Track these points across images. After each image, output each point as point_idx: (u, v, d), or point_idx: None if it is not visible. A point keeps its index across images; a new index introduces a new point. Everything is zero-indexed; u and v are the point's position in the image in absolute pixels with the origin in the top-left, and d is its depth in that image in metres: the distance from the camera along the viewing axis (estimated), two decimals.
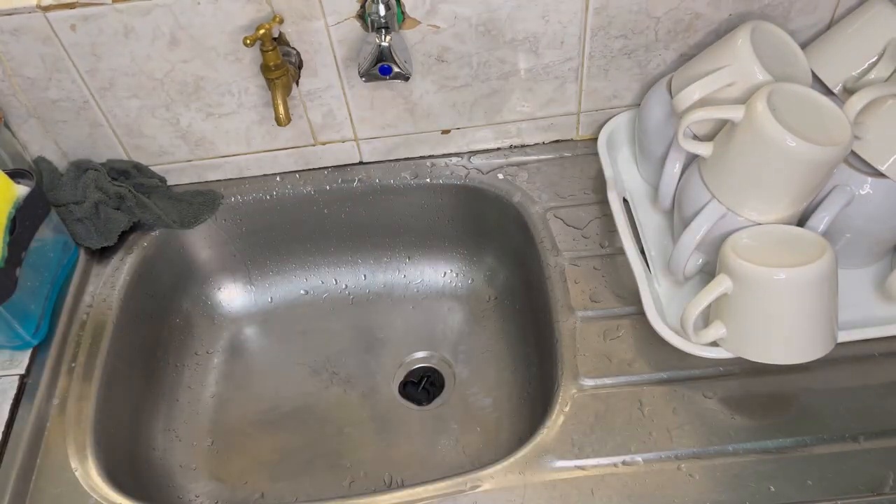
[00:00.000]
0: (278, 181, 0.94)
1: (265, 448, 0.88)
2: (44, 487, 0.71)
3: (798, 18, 0.81)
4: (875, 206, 0.71)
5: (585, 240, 0.84)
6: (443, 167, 0.93)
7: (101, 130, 0.87)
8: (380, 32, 0.76)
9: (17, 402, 0.75)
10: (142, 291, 0.88)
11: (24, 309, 0.77)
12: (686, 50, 0.84)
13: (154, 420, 0.87)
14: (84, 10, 0.75)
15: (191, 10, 0.76)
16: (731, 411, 0.69)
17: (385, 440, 0.88)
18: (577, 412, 0.70)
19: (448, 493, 0.67)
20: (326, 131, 0.90)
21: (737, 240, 0.68)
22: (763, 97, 0.64)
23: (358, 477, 0.85)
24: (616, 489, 0.65)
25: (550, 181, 0.90)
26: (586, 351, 0.74)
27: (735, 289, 0.66)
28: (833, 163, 0.65)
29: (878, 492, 0.64)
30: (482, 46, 0.82)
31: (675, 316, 0.74)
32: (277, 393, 0.93)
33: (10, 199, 0.75)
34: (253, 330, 0.98)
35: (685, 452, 0.67)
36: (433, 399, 0.92)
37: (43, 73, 0.80)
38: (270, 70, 0.77)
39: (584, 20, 0.80)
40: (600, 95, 0.89)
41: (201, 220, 0.92)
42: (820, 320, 0.65)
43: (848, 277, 0.74)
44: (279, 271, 1.00)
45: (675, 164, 0.76)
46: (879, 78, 0.73)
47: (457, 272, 0.99)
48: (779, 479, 0.65)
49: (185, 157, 0.91)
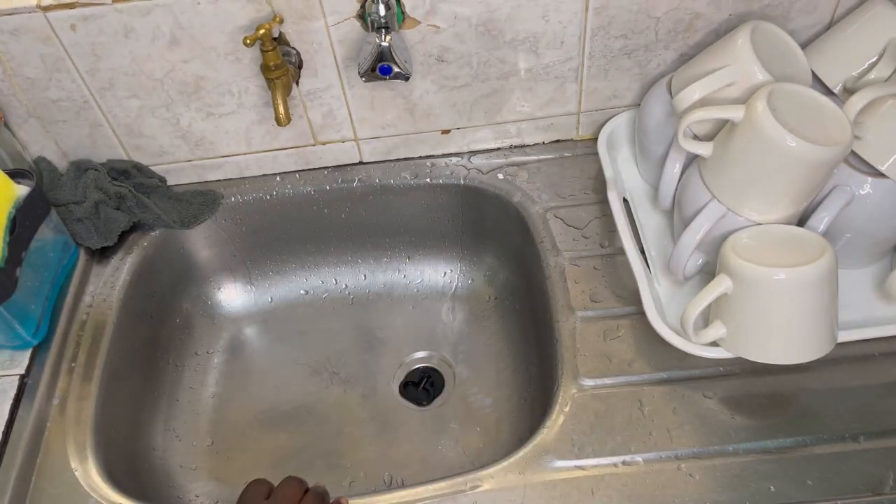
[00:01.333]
0: (278, 181, 0.94)
1: (265, 448, 0.88)
2: (44, 487, 0.71)
3: (798, 18, 0.81)
4: (875, 206, 0.71)
5: (585, 240, 0.84)
6: (443, 167, 0.93)
7: (101, 130, 0.87)
8: (380, 32, 0.76)
9: (17, 402, 0.75)
10: (142, 291, 0.88)
11: (24, 309, 0.77)
12: (686, 50, 0.84)
13: (154, 420, 0.87)
14: (84, 10, 0.75)
15: (191, 10, 0.76)
16: (731, 411, 0.69)
17: (385, 440, 0.88)
18: (577, 412, 0.70)
19: (448, 493, 0.67)
20: (326, 131, 0.90)
21: (737, 240, 0.68)
22: (763, 97, 0.64)
23: (358, 477, 0.85)
24: (616, 489, 0.65)
25: (550, 181, 0.90)
26: (586, 351, 0.74)
27: (735, 289, 0.66)
28: (833, 163, 0.65)
29: (878, 492, 0.64)
30: (482, 46, 0.82)
31: (675, 316, 0.74)
32: (277, 393, 0.93)
33: (10, 199, 0.75)
34: (253, 330, 0.98)
35: (685, 452, 0.67)
36: (433, 399, 0.92)
37: (43, 73, 0.80)
38: (270, 70, 0.77)
39: (584, 20, 0.80)
40: (600, 95, 0.89)
41: (201, 220, 0.92)
42: (820, 320, 0.65)
43: (848, 277, 0.74)
44: (279, 271, 1.00)
45: (675, 164, 0.76)
46: (879, 78, 0.73)
47: (457, 272, 0.99)
48: (779, 479, 0.65)
49: (185, 157, 0.91)
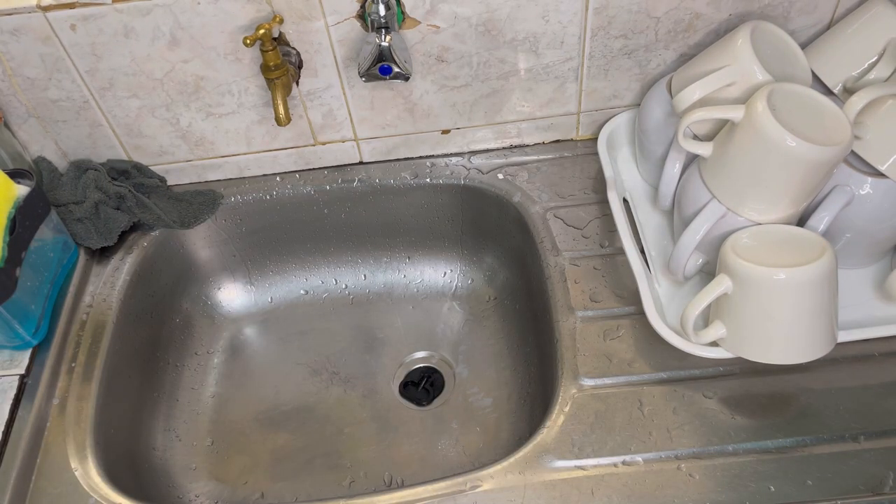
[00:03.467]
0: (278, 181, 0.94)
1: (265, 448, 0.88)
2: (44, 487, 0.71)
3: (798, 18, 0.81)
4: (875, 206, 0.71)
5: (585, 240, 0.84)
6: (443, 167, 0.93)
7: (101, 130, 0.87)
8: (380, 32, 0.76)
9: (17, 402, 0.75)
10: (142, 291, 0.88)
11: (24, 309, 0.77)
12: (686, 50, 0.84)
13: (154, 420, 0.87)
14: (84, 10, 0.75)
15: (191, 10, 0.76)
16: (731, 411, 0.69)
17: (385, 440, 0.88)
18: (577, 412, 0.70)
19: (448, 493, 0.67)
20: (326, 131, 0.90)
21: (737, 240, 0.68)
22: (763, 97, 0.64)
23: (358, 477, 0.85)
24: (616, 489, 0.65)
25: (550, 181, 0.90)
26: (586, 351, 0.74)
27: (735, 289, 0.66)
28: (833, 163, 0.65)
29: (878, 492, 0.64)
30: (482, 46, 0.82)
31: (675, 316, 0.74)
32: (277, 393, 0.93)
33: (10, 199, 0.75)
34: (253, 330, 0.98)
35: (685, 452, 0.67)
36: (433, 399, 0.92)
37: (43, 73, 0.80)
38: (270, 70, 0.77)
39: (584, 20, 0.80)
40: (600, 95, 0.89)
41: (201, 220, 0.92)
42: (820, 320, 0.65)
43: (848, 277, 0.74)
44: (279, 271, 1.00)
45: (675, 164, 0.76)
46: (879, 78, 0.73)
47: (457, 272, 0.99)
48: (779, 479, 0.65)
49: (185, 157, 0.91)
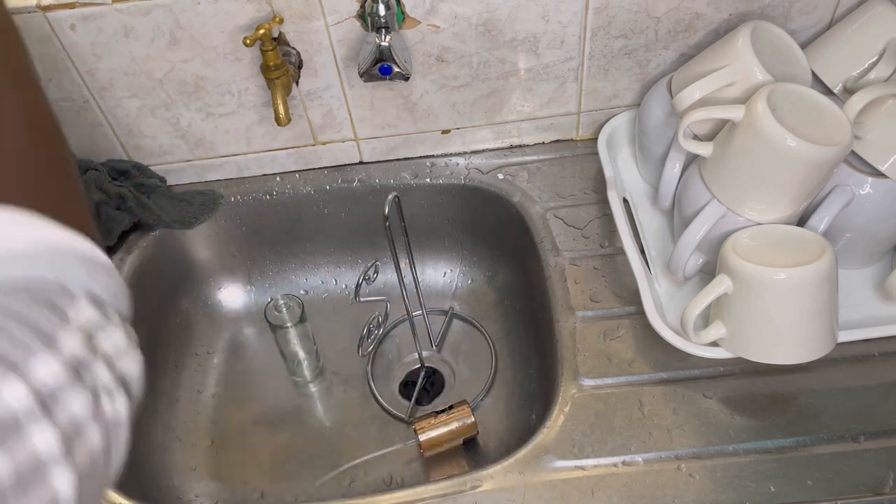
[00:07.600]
0: (278, 181, 0.94)
1: (265, 448, 0.88)
2: None
3: (798, 18, 0.81)
4: (875, 206, 0.71)
5: (585, 240, 0.84)
6: (443, 167, 0.93)
7: (101, 130, 0.87)
8: (380, 32, 0.76)
9: None
10: (142, 291, 0.88)
11: None
12: (686, 50, 0.84)
13: (154, 420, 0.87)
14: (84, 10, 0.75)
15: (191, 9, 0.76)
16: (731, 411, 0.69)
17: (385, 440, 0.88)
18: (577, 412, 0.70)
19: (448, 493, 0.67)
20: (326, 131, 0.90)
21: (737, 240, 0.68)
22: (763, 97, 0.64)
23: (358, 477, 0.85)
24: (616, 489, 0.65)
25: (550, 181, 0.90)
26: (586, 351, 0.74)
27: (735, 289, 0.66)
28: (833, 163, 0.65)
29: (878, 492, 0.64)
30: (482, 46, 0.82)
31: (675, 316, 0.74)
32: (277, 393, 0.93)
33: None
34: (253, 330, 0.98)
35: (685, 452, 0.67)
36: (433, 399, 0.92)
37: (43, 73, 0.80)
38: (270, 70, 0.77)
39: (584, 20, 0.80)
40: (600, 95, 0.89)
41: (201, 220, 0.92)
42: (820, 320, 0.65)
43: (848, 277, 0.74)
44: (279, 271, 1.00)
45: (675, 164, 0.76)
46: (879, 78, 0.73)
47: (457, 272, 0.99)
48: (779, 479, 0.65)
49: (185, 157, 0.91)
